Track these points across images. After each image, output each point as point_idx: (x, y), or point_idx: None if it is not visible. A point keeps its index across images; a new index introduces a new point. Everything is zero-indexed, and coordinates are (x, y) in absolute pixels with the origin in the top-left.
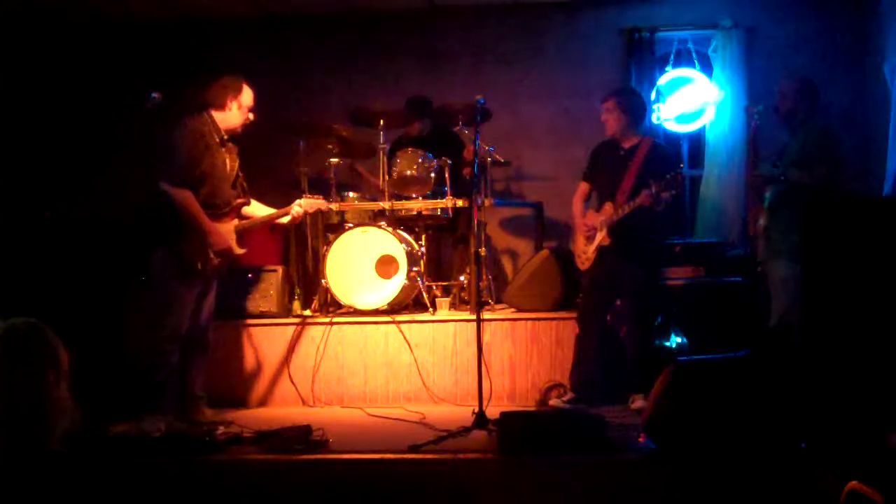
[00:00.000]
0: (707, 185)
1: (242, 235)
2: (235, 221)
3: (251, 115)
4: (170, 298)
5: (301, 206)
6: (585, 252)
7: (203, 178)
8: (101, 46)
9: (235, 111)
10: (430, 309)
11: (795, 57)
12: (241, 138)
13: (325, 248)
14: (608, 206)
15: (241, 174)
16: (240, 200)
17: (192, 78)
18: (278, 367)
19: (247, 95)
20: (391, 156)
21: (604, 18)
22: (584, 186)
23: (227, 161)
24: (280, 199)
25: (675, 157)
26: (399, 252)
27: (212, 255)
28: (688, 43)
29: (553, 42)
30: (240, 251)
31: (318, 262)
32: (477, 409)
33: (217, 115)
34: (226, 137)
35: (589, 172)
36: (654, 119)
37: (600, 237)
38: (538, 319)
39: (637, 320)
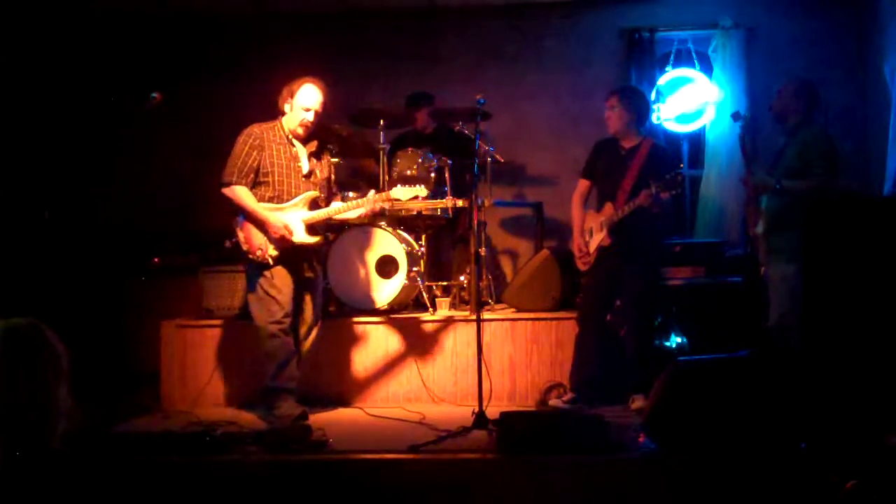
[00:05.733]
0: (707, 185)
1: (314, 227)
2: (304, 212)
3: (307, 116)
4: (258, 288)
5: (393, 196)
6: (585, 252)
7: (259, 174)
8: (100, 44)
9: (290, 112)
10: (430, 309)
11: (795, 57)
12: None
13: (325, 248)
14: (608, 207)
15: (325, 174)
16: (310, 194)
17: (190, 75)
18: None
19: (303, 95)
20: (393, 152)
21: (604, 18)
22: (583, 184)
23: (301, 158)
24: None
25: (676, 158)
26: (399, 252)
27: (269, 243)
28: (688, 43)
29: (553, 42)
30: (309, 241)
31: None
32: (477, 409)
33: (284, 118)
34: (297, 136)
35: (588, 169)
36: (654, 119)
37: (600, 237)
38: (538, 319)
39: (637, 320)
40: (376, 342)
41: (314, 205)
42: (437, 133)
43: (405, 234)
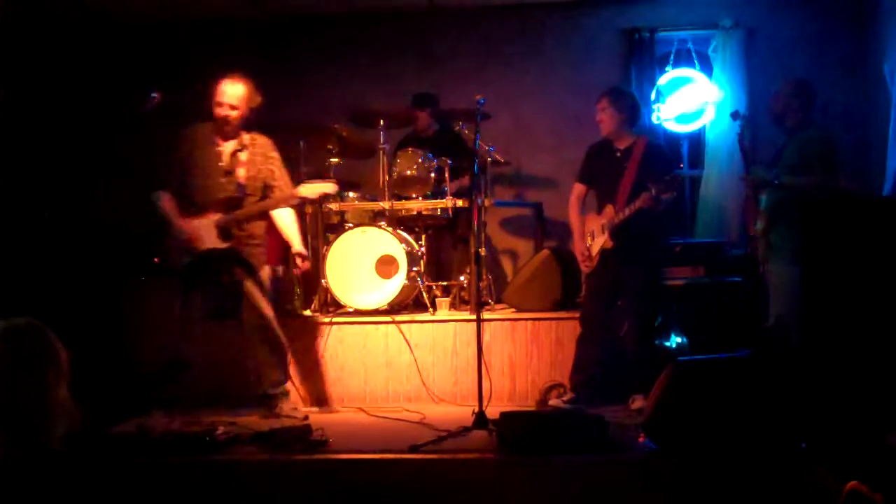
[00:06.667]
0: (707, 185)
1: (228, 229)
2: (218, 216)
3: (219, 111)
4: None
5: (299, 193)
6: (588, 256)
7: (179, 175)
8: (101, 46)
9: (215, 108)
10: (430, 309)
11: (796, 57)
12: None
13: (325, 248)
14: (609, 209)
15: (253, 172)
16: (224, 195)
17: (191, 78)
18: None
19: (217, 91)
20: (394, 153)
21: (604, 18)
22: (579, 188)
23: (223, 157)
24: None
25: (673, 155)
26: (399, 252)
27: (175, 250)
28: (688, 43)
29: (553, 42)
30: (220, 246)
31: (318, 262)
32: (477, 409)
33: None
34: (221, 134)
35: (584, 174)
36: (654, 119)
37: (602, 240)
38: (538, 319)
39: (638, 320)
40: (376, 342)
41: (230, 206)
42: (439, 135)
43: (405, 234)
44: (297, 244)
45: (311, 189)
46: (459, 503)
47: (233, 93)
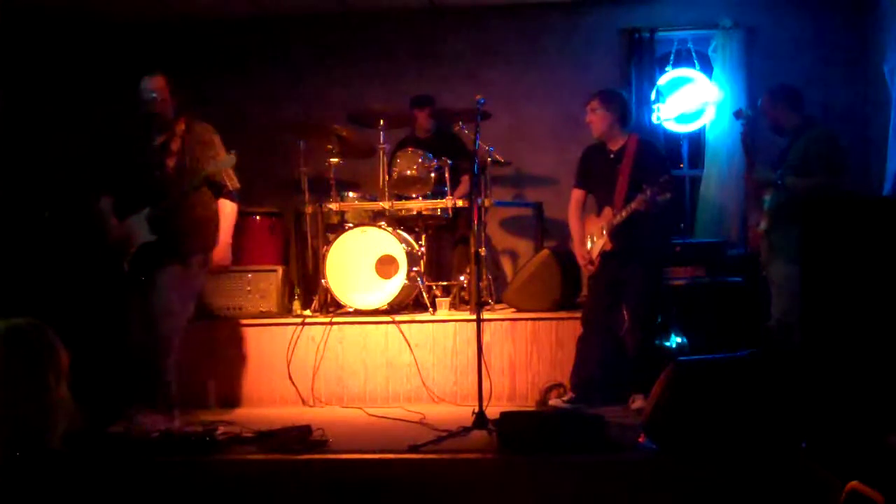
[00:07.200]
0: (707, 185)
1: (157, 221)
2: (147, 210)
3: (145, 106)
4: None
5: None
6: (589, 260)
7: (116, 176)
8: (101, 46)
9: (140, 105)
10: (430, 309)
11: (795, 57)
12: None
13: (325, 248)
14: (607, 211)
15: (184, 162)
16: (155, 188)
17: (191, 78)
18: (278, 367)
19: (140, 88)
20: (394, 154)
21: (604, 18)
22: (578, 194)
23: (155, 150)
24: (280, 199)
25: (665, 152)
26: (399, 252)
27: (116, 251)
28: (688, 43)
29: (553, 42)
30: (150, 238)
31: (318, 262)
32: (477, 409)
33: None
34: (154, 127)
35: (581, 179)
36: (654, 119)
37: (602, 242)
38: (538, 319)
39: (638, 321)
40: (376, 342)
41: (160, 198)
42: (439, 136)
43: (405, 234)
44: (220, 237)
45: (216, 165)
46: (459, 503)
47: (150, 85)
